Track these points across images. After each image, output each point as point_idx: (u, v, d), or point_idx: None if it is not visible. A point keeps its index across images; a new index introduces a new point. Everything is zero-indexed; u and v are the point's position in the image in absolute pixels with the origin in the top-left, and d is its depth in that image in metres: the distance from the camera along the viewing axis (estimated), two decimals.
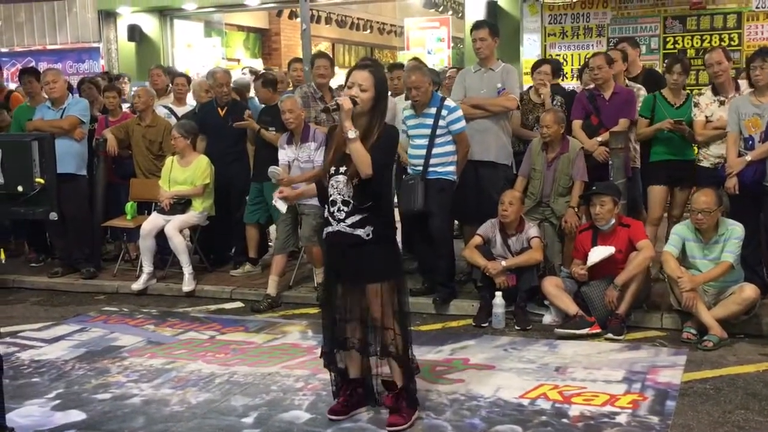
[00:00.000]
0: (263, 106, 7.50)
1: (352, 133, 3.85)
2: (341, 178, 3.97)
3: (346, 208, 3.97)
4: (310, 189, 5.84)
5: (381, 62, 7.44)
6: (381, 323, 4.04)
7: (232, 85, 7.84)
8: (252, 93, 8.26)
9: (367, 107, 3.94)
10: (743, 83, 6.19)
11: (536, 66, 7.13)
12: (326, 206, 4.07)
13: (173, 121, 7.86)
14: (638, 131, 6.46)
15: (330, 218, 4.04)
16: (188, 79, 8.63)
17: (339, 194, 3.98)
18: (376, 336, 4.09)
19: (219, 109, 7.50)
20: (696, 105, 6.21)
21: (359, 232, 3.97)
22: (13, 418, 4.13)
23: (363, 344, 4.14)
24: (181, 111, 8.13)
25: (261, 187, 7.12)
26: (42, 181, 3.42)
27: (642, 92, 6.63)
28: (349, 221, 3.98)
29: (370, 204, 3.96)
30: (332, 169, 4.00)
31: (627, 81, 6.79)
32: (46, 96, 7.45)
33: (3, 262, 8.35)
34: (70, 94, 7.64)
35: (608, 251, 5.67)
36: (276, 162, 6.58)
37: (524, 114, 6.91)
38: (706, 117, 6.14)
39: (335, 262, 4.17)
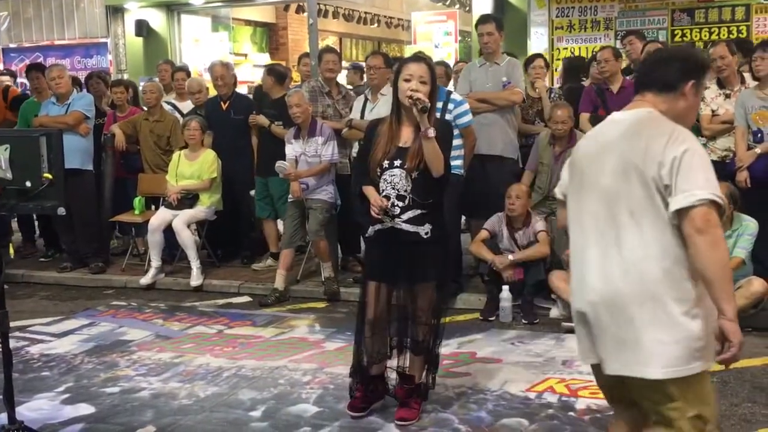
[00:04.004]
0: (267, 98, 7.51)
1: (432, 131, 3.76)
2: (397, 171, 3.87)
3: (401, 203, 3.87)
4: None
5: (389, 56, 7.42)
6: (423, 320, 3.99)
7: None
8: None
9: None
10: (748, 76, 6.17)
11: (529, 61, 7.17)
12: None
13: (178, 116, 7.88)
14: None
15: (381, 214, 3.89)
16: (188, 74, 8.63)
17: (393, 189, 3.87)
18: (414, 332, 4.02)
19: (222, 103, 7.51)
20: (702, 99, 6.18)
21: (417, 229, 3.87)
22: (22, 411, 4.16)
23: (399, 344, 4.08)
24: (183, 106, 8.12)
25: (266, 181, 7.14)
26: (50, 176, 3.44)
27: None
28: (405, 216, 3.87)
29: (431, 201, 3.89)
30: (386, 163, 3.90)
31: None
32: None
33: (12, 257, 8.40)
34: (75, 90, 7.66)
35: None
36: (281, 156, 6.59)
37: (524, 109, 6.91)
38: (712, 110, 6.12)
39: (382, 261, 3.99)
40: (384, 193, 3.88)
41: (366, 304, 4.05)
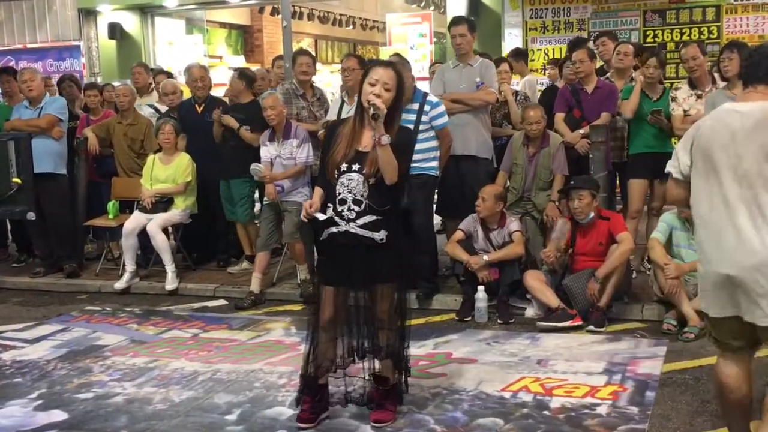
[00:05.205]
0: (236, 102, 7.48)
1: (386, 139, 3.73)
2: (354, 176, 3.83)
3: (357, 208, 3.83)
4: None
5: (364, 58, 7.45)
6: (386, 324, 3.96)
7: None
8: None
9: (388, 107, 3.82)
10: (719, 76, 6.25)
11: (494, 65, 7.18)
12: (331, 205, 3.88)
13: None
14: (624, 109, 6.41)
15: (336, 218, 3.86)
16: (169, 77, 8.58)
17: (350, 193, 3.83)
18: (377, 336, 3.98)
19: (196, 106, 7.47)
20: (674, 99, 6.25)
21: (372, 235, 3.83)
22: None
23: (356, 349, 4.01)
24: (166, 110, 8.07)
25: (228, 184, 7.13)
26: (19, 180, 3.42)
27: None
28: (360, 221, 3.83)
29: (387, 207, 3.86)
30: (344, 166, 3.86)
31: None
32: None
33: None
34: (47, 93, 7.59)
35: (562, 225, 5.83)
36: (244, 160, 6.59)
37: (491, 112, 6.93)
38: (684, 111, 6.18)
39: (338, 265, 3.93)
40: (340, 197, 3.85)
41: (319, 309, 3.99)
